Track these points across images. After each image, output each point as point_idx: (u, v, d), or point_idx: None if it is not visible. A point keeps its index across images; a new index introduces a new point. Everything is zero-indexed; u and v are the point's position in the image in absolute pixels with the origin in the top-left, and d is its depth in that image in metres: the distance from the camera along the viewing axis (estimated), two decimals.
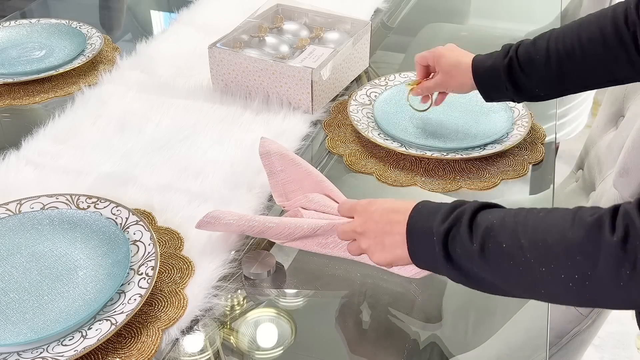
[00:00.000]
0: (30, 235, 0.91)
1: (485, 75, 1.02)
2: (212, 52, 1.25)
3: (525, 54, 0.98)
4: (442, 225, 0.70)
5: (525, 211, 0.67)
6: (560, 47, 0.95)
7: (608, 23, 0.91)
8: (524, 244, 0.64)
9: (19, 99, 1.28)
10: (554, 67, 0.95)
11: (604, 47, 0.92)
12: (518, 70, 0.98)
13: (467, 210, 0.69)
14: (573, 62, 0.94)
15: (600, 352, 1.84)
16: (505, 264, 0.66)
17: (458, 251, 0.69)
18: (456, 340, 0.83)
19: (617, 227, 0.59)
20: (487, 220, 0.67)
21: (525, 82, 0.99)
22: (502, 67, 0.99)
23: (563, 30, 0.97)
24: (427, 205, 0.74)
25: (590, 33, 0.93)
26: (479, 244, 0.67)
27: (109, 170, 1.08)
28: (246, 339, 0.83)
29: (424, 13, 1.75)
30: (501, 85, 1.00)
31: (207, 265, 0.89)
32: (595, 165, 1.35)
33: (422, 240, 0.72)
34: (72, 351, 0.75)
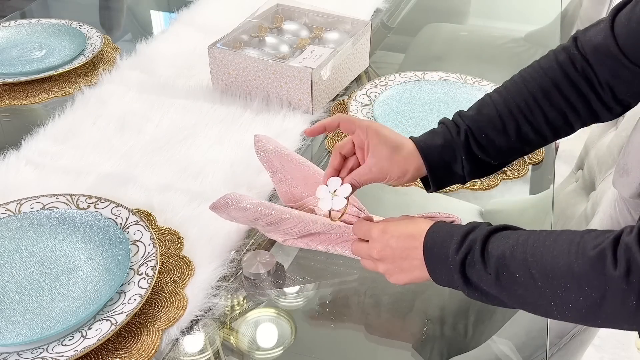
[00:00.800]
0: (30, 235, 0.91)
1: (438, 157, 0.85)
2: (212, 52, 1.25)
3: (476, 126, 0.86)
4: (457, 254, 0.72)
5: (533, 239, 0.69)
6: (514, 110, 0.85)
7: (559, 74, 0.85)
8: (535, 274, 0.67)
9: (19, 99, 1.28)
10: (511, 132, 0.85)
11: (561, 97, 0.85)
12: (476, 145, 0.86)
13: (479, 238, 0.72)
14: (531, 121, 0.85)
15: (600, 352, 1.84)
16: (520, 292, 0.69)
17: (475, 278, 0.72)
18: (456, 340, 0.83)
19: (619, 261, 0.61)
20: (498, 250, 0.70)
21: (482, 156, 0.87)
22: (457, 144, 0.85)
23: (504, 93, 0.87)
24: (439, 231, 0.77)
25: (543, 87, 0.85)
26: (493, 273, 0.70)
27: (109, 170, 1.08)
28: (246, 339, 0.83)
29: (424, 13, 1.75)
30: (457, 165, 0.86)
31: (207, 265, 0.89)
32: (595, 165, 1.35)
33: (441, 267, 0.75)
34: (72, 351, 0.75)
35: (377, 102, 1.22)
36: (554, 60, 0.86)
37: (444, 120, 0.89)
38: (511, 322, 0.84)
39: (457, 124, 0.87)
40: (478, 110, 0.87)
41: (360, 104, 1.22)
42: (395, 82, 1.29)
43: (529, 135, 0.86)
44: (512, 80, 0.89)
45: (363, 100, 1.23)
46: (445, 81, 1.28)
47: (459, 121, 0.87)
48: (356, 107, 1.21)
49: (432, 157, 0.85)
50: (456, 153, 0.86)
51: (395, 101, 1.23)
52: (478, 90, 1.24)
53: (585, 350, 1.22)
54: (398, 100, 1.24)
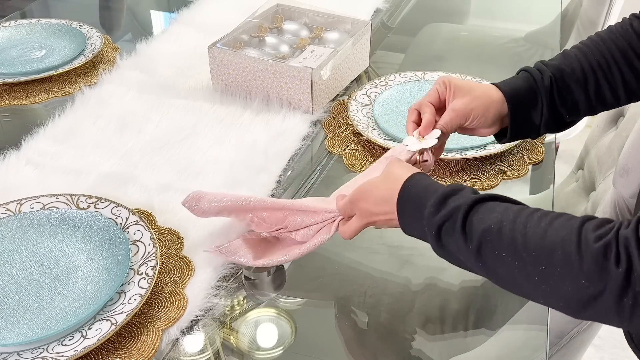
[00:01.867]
0: (30, 235, 0.91)
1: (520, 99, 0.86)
2: (212, 52, 1.25)
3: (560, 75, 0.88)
4: (434, 217, 0.70)
5: (525, 216, 0.66)
6: (594, 66, 0.88)
7: (634, 37, 0.88)
8: (526, 257, 0.64)
9: (19, 99, 1.28)
10: (591, 87, 0.88)
11: (637, 58, 0.88)
12: (557, 93, 0.87)
13: (462, 207, 0.69)
14: (609, 79, 0.88)
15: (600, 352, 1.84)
16: (502, 271, 0.66)
17: (452, 246, 0.69)
18: (456, 340, 0.83)
19: (620, 257, 0.60)
20: (484, 223, 0.67)
21: (562, 109, 0.88)
22: (542, 89, 0.86)
23: (586, 50, 0.90)
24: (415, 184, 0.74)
25: (620, 48, 0.88)
26: (475, 247, 0.67)
27: (109, 170, 1.08)
28: (246, 339, 0.83)
29: (424, 13, 1.75)
30: (536, 112, 0.87)
31: (207, 265, 0.89)
32: (596, 165, 1.35)
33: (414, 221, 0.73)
34: (72, 351, 0.75)
35: (377, 102, 1.22)
36: (628, 24, 0.89)
37: (525, 67, 0.90)
38: (511, 322, 0.84)
39: (541, 70, 0.88)
40: (561, 61, 0.89)
41: (360, 104, 1.22)
42: (395, 82, 1.29)
43: (606, 93, 0.88)
44: (591, 39, 0.91)
45: (363, 100, 1.23)
46: None
47: (542, 68, 0.88)
48: (356, 107, 1.21)
49: (515, 98, 0.86)
50: (538, 98, 0.87)
51: (395, 101, 1.23)
52: None
53: (585, 350, 1.22)
54: (398, 100, 1.24)
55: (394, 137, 1.13)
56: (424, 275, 0.91)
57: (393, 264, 0.93)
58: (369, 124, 1.17)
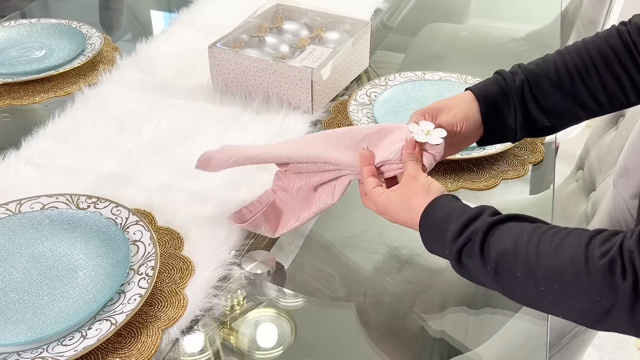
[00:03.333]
0: (30, 235, 0.91)
1: (492, 101, 0.88)
2: (212, 52, 1.25)
3: (532, 77, 0.88)
4: (455, 242, 0.72)
5: (538, 237, 0.68)
6: (571, 68, 0.88)
7: (618, 42, 0.87)
8: (539, 278, 0.66)
9: (19, 99, 1.28)
10: (567, 90, 0.88)
11: (618, 63, 0.87)
12: (530, 96, 0.88)
13: (480, 230, 0.71)
14: (587, 82, 0.88)
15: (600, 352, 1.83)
16: (519, 291, 0.69)
17: (472, 267, 0.72)
18: (456, 340, 0.83)
19: (626, 270, 0.61)
20: (500, 246, 0.69)
21: (536, 111, 0.89)
22: (513, 91, 0.87)
23: (565, 53, 0.90)
24: (438, 207, 0.76)
25: (601, 51, 0.87)
26: (492, 268, 0.70)
27: (109, 170, 1.08)
28: (246, 339, 0.83)
29: (424, 13, 1.75)
30: (510, 113, 0.88)
31: (207, 265, 0.89)
32: (596, 166, 1.35)
33: (436, 244, 0.76)
34: (72, 351, 0.75)
35: (377, 102, 1.22)
36: (614, 30, 0.89)
37: (499, 70, 0.91)
38: (511, 323, 0.84)
39: (513, 72, 0.89)
40: (537, 63, 0.90)
41: (360, 104, 1.22)
42: (395, 82, 1.28)
43: (584, 96, 0.88)
44: (575, 43, 0.91)
45: (363, 100, 1.23)
46: (445, 81, 1.28)
47: (515, 70, 0.90)
48: (356, 107, 1.21)
49: (486, 100, 0.88)
50: (510, 99, 0.88)
51: (395, 101, 1.23)
52: None
53: (585, 350, 1.22)
54: (398, 100, 1.24)
55: None
56: (424, 275, 0.91)
57: (393, 264, 0.93)
58: (369, 124, 1.17)
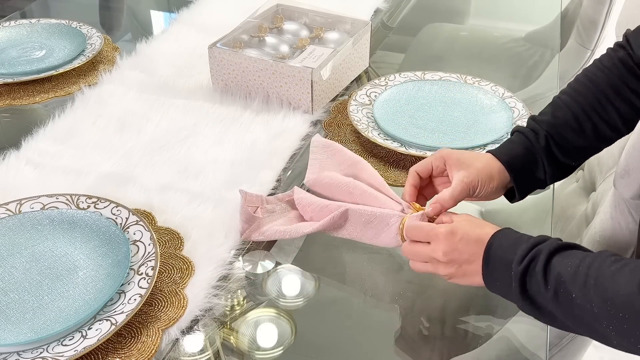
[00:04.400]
0: (30, 235, 0.91)
1: (520, 165, 0.87)
2: (212, 52, 1.25)
3: (554, 130, 0.88)
4: (520, 264, 0.72)
5: (599, 262, 0.68)
6: (588, 110, 0.88)
7: (622, 70, 0.88)
8: (594, 299, 0.66)
9: (19, 99, 1.28)
10: (589, 133, 0.88)
11: (630, 91, 0.88)
12: (557, 149, 0.88)
13: (544, 250, 0.71)
14: (606, 119, 0.88)
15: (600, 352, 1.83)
16: (576, 312, 0.68)
17: (533, 290, 0.71)
18: (456, 340, 0.83)
19: None
20: (561, 267, 0.69)
21: (564, 159, 0.89)
22: (540, 150, 0.87)
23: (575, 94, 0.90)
24: (507, 236, 0.76)
25: (611, 84, 0.88)
26: (552, 289, 0.69)
27: (109, 170, 1.08)
28: (246, 339, 0.83)
29: (424, 13, 1.75)
30: (539, 170, 0.88)
31: (207, 265, 0.89)
32: (596, 166, 1.35)
33: (500, 272, 0.74)
34: (72, 351, 0.75)
35: (377, 102, 1.22)
36: (615, 58, 0.89)
37: (518, 128, 0.90)
38: (511, 322, 0.84)
39: (535, 130, 0.89)
40: (552, 114, 0.89)
41: (360, 104, 1.22)
42: (395, 82, 1.28)
43: (606, 132, 0.89)
44: (578, 80, 0.91)
45: (363, 100, 1.23)
46: (445, 81, 1.28)
47: (535, 127, 0.89)
48: (356, 107, 1.21)
49: (515, 165, 0.87)
50: (537, 158, 0.88)
51: (395, 101, 1.23)
52: (478, 90, 1.24)
53: (585, 350, 1.22)
54: (398, 100, 1.24)
55: (394, 137, 1.13)
56: (424, 275, 0.91)
57: (393, 264, 0.93)
58: (369, 124, 1.17)
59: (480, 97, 1.23)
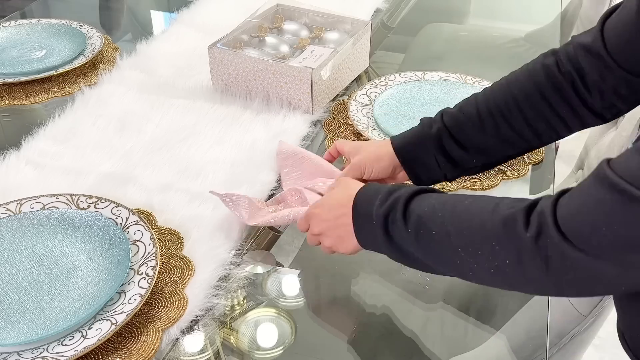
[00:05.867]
0: (30, 235, 0.91)
1: (413, 157, 0.90)
2: (212, 52, 1.25)
3: (453, 122, 0.88)
4: (381, 209, 0.74)
5: (454, 198, 0.71)
6: (493, 109, 0.87)
7: (542, 77, 0.85)
8: (451, 230, 0.68)
9: (19, 99, 1.28)
10: (490, 131, 0.87)
11: (543, 100, 0.85)
12: (449, 140, 0.88)
13: (403, 195, 0.73)
14: (510, 122, 0.86)
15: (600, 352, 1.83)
16: (436, 249, 0.70)
17: (397, 236, 0.73)
18: (456, 340, 0.83)
19: (530, 224, 0.63)
20: (420, 208, 0.72)
21: (460, 153, 0.88)
22: (429, 138, 0.88)
23: (489, 93, 0.89)
24: (367, 190, 0.78)
25: (524, 90, 0.86)
26: (413, 230, 0.71)
27: (109, 170, 1.08)
28: (246, 339, 0.83)
29: (424, 13, 1.75)
30: (430, 159, 0.89)
31: (207, 265, 0.89)
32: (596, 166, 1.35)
33: (366, 225, 0.76)
34: (72, 351, 0.75)
35: (377, 102, 1.22)
36: (540, 63, 0.87)
37: (422, 118, 0.93)
38: (511, 322, 0.84)
39: (433, 120, 0.91)
40: (460, 107, 0.90)
41: (360, 104, 1.22)
42: (395, 82, 1.28)
43: (510, 136, 0.88)
44: (499, 81, 0.90)
45: (363, 100, 1.23)
46: (445, 81, 1.28)
47: (436, 118, 0.91)
48: (356, 107, 1.21)
49: (404, 149, 0.90)
50: (427, 147, 0.89)
51: (395, 101, 1.23)
52: (478, 90, 1.24)
53: (585, 350, 1.22)
54: (398, 100, 1.24)
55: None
56: (424, 275, 0.91)
57: (393, 264, 0.93)
58: (369, 124, 1.17)
59: None
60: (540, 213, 0.63)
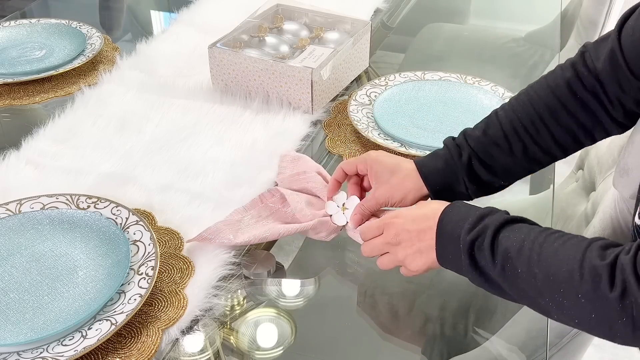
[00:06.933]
0: (30, 235, 0.91)
1: (440, 181, 0.87)
2: (212, 52, 1.25)
3: (481, 148, 0.86)
4: (469, 235, 0.72)
5: (543, 237, 0.69)
6: (520, 131, 0.85)
7: (566, 93, 0.84)
8: (537, 274, 0.67)
9: (19, 99, 1.28)
10: (518, 154, 0.86)
11: (569, 116, 0.84)
12: (479, 166, 0.86)
13: (492, 224, 0.71)
14: (538, 141, 0.85)
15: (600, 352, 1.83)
16: (521, 286, 0.69)
17: (482, 262, 0.71)
18: (456, 340, 0.83)
19: (615, 283, 0.62)
20: (508, 241, 0.70)
21: (489, 178, 0.87)
22: (460, 167, 0.86)
23: (511, 111, 0.86)
24: (456, 209, 0.76)
25: (550, 107, 0.84)
26: (499, 263, 0.70)
27: (109, 170, 1.08)
28: (246, 339, 0.83)
29: (424, 13, 1.75)
30: (459, 186, 0.87)
31: (207, 265, 0.89)
32: (596, 165, 1.35)
33: (450, 246, 0.74)
34: (72, 351, 0.75)
35: (377, 102, 1.22)
36: (561, 78, 0.84)
37: (446, 141, 0.89)
38: (511, 322, 0.84)
39: (460, 145, 0.87)
40: (484, 130, 0.87)
41: (360, 104, 1.22)
42: (395, 82, 1.29)
43: (537, 155, 0.86)
44: (519, 97, 0.87)
45: (363, 100, 1.23)
46: (445, 81, 1.28)
47: (462, 143, 0.87)
48: (356, 107, 1.21)
49: (433, 179, 0.87)
50: (458, 175, 0.86)
51: (395, 101, 1.23)
52: (478, 90, 1.24)
53: (585, 350, 1.22)
54: (398, 100, 1.24)
55: (394, 137, 1.13)
56: (424, 275, 0.91)
57: None
58: (369, 124, 1.17)
59: (480, 97, 1.23)
60: (622, 270, 0.62)
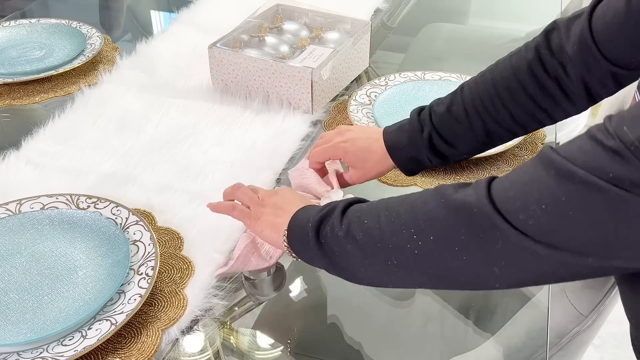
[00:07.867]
0: (30, 235, 0.91)
1: (405, 156, 0.92)
2: (212, 52, 1.25)
3: (443, 124, 0.89)
4: (318, 214, 0.74)
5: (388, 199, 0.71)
6: (480, 109, 0.88)
7: (526, 76, 0.85)
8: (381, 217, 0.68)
9: (19, 99, 1.29)
10: (479, 131, 0.88)
11: (528, 98, 0.86)
12: (441, 143, 0.90)
13: (340, 204, 0.74)
14: (498, 120, 0.88)
15: (600, 352, 1.84)
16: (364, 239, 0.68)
17: (328, 235, 0.72)
18: (456, 340, 0.83)
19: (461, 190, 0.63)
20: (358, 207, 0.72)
21: (451, 151, 0.91)
22: (422, 144, 0.90)
23: (474, 90, 0.89)
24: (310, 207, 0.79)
25: (510, 89, 0.86)
26: (346, 226, 0.70)
27: (109, 170, 1.08)
28: (246, 339, 0.83)
29: (424, 13, 1.75)
30: (423, 160, 0.92)
31: (207, 265, 0.89)
32: None
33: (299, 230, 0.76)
34: (72, 351, 0.75)
35: (377, 102, 1.22)
36: (524, 59, 0.86)
37: (412, 114, 0.93)
38: (511, 322, 0.85)
39: (423, 121, 0.91)
40: (448, 107, 0.90)
41: (360, 104, 1.22)
42: (395, 82, 1.29)
43: (498, 132, 0.89)
44: (484, 75, 0.90)
45: (363, 100, 1.23)
46: (445, 81, 1.28)
47: (426, 119, 0.90)
48: (356, 107, 1.21)
49: (399, 154, 0.92)
50: (421, 150, 0.90)
51: (395, 101, 1.23)
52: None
53: (585, 350, 1.22)
54: (398, 100, 1.24)
55: None
56: None
57: None
58: (369, 124, 1.17)
59: None
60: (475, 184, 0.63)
